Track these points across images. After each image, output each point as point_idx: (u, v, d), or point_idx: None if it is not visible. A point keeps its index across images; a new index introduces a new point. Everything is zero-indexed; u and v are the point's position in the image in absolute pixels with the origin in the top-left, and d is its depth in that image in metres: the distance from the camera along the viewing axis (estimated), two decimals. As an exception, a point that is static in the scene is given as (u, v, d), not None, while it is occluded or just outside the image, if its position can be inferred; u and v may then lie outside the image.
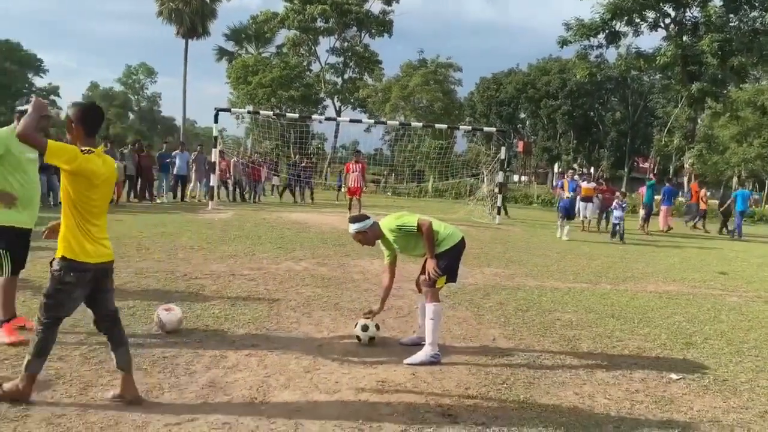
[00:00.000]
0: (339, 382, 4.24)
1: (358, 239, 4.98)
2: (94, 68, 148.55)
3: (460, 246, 4.94)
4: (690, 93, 30.57)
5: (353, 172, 16.28)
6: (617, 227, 15.28)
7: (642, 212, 19.02)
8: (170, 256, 8.73)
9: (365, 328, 5.08)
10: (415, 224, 4.77)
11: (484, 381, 4.43)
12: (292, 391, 4.00)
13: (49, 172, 14.59)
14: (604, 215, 18.49)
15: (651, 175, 24.12)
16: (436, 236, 4.83)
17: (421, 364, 4.65)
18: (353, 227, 4.92)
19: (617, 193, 16.82)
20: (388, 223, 4.90)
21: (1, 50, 62.05)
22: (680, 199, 28.35)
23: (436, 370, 4.61)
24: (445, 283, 4.89)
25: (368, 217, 5.00)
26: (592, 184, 18.24)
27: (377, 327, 5.15)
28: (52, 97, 69.96)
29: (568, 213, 15.47)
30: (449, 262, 4.86)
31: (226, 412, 3.61)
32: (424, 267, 4.96)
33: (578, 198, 17.35)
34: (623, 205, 15.60)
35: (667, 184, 22.06)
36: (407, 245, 4.95)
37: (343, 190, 21.24)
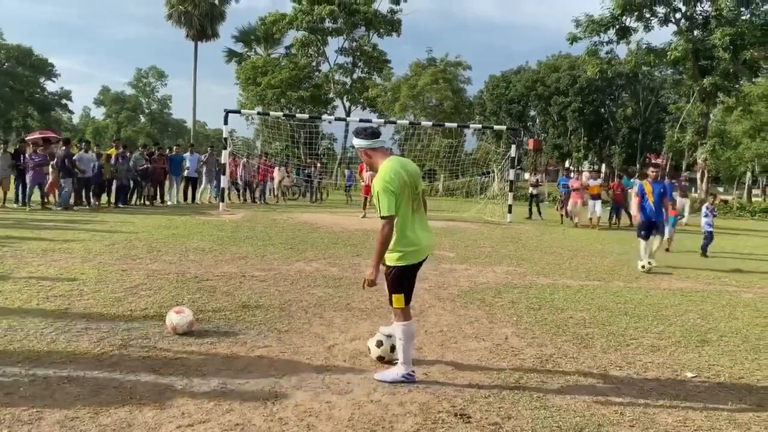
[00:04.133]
0: (351, 382, 4.23)
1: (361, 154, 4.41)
2: (105, 72, 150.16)
3: (420, 264, 4.31)
4: (702, 88, 30.36)
5: (368, 171, 16.32)
6: (709, 238, 12.33)
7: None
8: (181, 258, 8.77)
9: (380, 343, 4.64)
10: (381, 214, 4.10)
11: (496, 380, 4.40)
12: (304, 392, 3.99)
13: (72, 176, 14.90)
14: (615, 212, 18.54)
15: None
16: (401, 243, 4.17)
17: (392, 382, 4.23)
18: (356, 141, 4.29)
19: (708, 196, 15.08)
20: (380, 174, 4.15)
21: (14, 55, 62.74)
22: (693, 194, 28.05)
23: (449, 369, 4.58)
24: (405, 304, 4.22)
25: (379, 136, 4.31)
26: (599, 181, 18.37)
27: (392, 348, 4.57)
28: (63, 101, 70.55)
29: (652, 229, 10.29)
30: (407, 278, 4.24)
31: (238, 413, 3.61)
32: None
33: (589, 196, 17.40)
34: (714, 212, 12.87)
35: (667, 180, 21.69)
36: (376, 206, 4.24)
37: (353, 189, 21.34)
